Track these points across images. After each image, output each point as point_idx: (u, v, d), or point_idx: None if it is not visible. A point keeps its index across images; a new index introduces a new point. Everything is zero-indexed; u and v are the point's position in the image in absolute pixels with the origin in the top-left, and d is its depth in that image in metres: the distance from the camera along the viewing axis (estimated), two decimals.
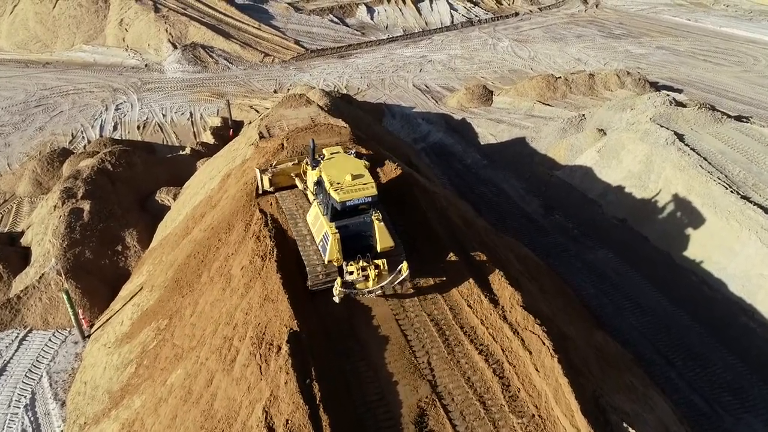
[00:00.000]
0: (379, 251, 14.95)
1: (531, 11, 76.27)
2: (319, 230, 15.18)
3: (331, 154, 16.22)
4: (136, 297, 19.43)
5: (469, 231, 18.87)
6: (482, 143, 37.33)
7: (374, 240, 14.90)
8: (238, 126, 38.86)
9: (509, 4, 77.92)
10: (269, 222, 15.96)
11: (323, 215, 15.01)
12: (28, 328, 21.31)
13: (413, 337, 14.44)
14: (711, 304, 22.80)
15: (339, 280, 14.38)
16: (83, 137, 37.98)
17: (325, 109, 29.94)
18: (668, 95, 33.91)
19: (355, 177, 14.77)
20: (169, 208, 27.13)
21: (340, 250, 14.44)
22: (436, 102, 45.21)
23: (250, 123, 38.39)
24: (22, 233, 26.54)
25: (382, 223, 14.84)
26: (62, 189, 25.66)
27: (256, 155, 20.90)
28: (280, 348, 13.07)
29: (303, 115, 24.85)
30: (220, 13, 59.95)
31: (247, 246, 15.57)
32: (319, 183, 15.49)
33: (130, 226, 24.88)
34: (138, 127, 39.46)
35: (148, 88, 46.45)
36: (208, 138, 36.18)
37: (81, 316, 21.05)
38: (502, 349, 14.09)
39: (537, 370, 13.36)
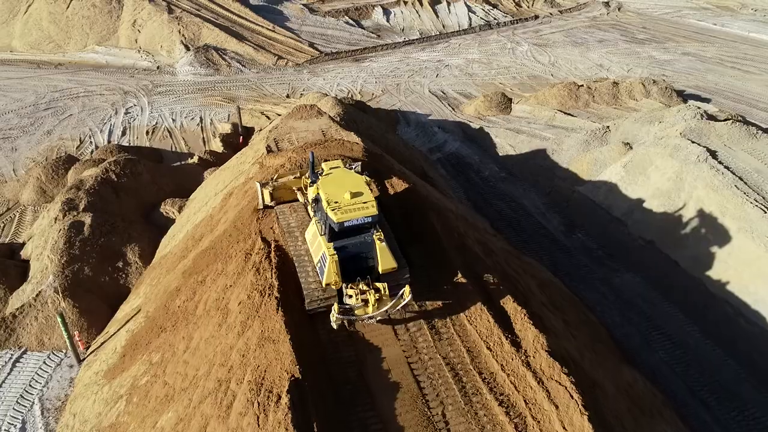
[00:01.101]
0: (381, 273, 13.85)
1: (551, 14, 74.36)
2: (317, 250, 14.15)
3: (330, 168, 15.09)
4: (131, 322, 18.36)
5: (488, 260, 17.51)
6: (500, 154, 35.86)
7: (376, 261, 13.82)
8: (248, 132, 37.86)
9: (528, 7, 76.10)
10: (271, 253, 14.74)
11: (321, 235, 13.93)
12: (22, 349, 20.36)
13: (427, 383, 13.14)
14: (748, 338, 21.16)
15: (336, 306, 13.32)
16: (91, 142, 37.20)
17: (338, 119, 28.78)
18: (699, 108, 32.14)
19: (354, 195, 13.71)
20: (173, 221, 26.13)
21: (339, 272, 13.45)
22: (453, 109, 43.78)
23: (261, 130, 37.39)
24: (23, 245, 25.72)
25: (383, 244, 13.79)
26: (64, 200, 24.77)
27: (259, 174, 19.75)
28: (280, 397, 11.86)
29: (313, 128, 23.65)
30: (234, 14, 59.07)
31: (246, 278, 14.39)
32: (317, 200, 14.48)
33: (132, 241, 23.87)
34: (147, 133, 38.60)
35: (159, 92, 45.65)
36: (216, 145, 35.19)
37: (77, 338, 20.08)
38: (525, 401, 12.74)
39: (564, 428, 11.98)
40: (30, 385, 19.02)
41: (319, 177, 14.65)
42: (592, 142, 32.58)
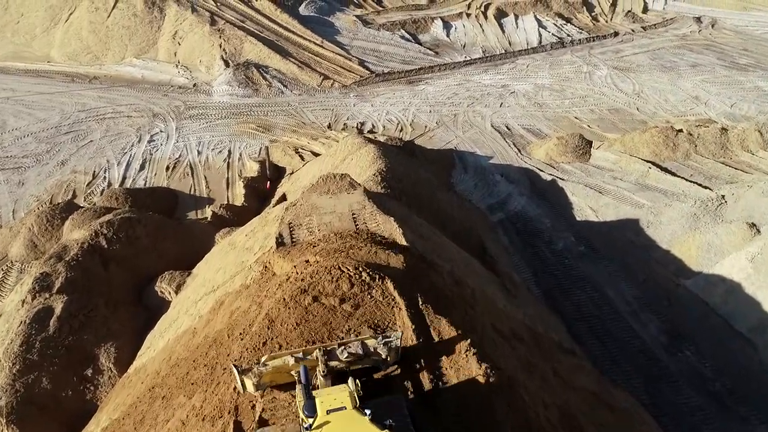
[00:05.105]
0: None
1: (633, 30, 65.72)
2: None
3: (328, 411, 8.42)
4: None
5: None
6: (578, 219, 29.18)
7: None
8: (278, 174, 32.94)
9: (606, 22, 67.86)
10: None
11: None
12: None
13: None
14: None
15: None
16: (105, 177, 33.18)
17: (379, 179, 23.19)
18: None
19: None
20: (168, 303, 21.26)
21: None
22: (519, 150, 37.24)
23: (292, 173, 32.35)
24: None
25: None
26: (37, 276, 20.29)
27: (258, 284, 14.39)
28: None
29: (342, 208, 18.05)
30: (281, 26, 54.49)
31: None
32: None
33: (109, 338, 19.07)
34: (167, 168, 34.25)
35: (190, 115, 41.49)
36: (239, 191, 30.34)
37: None
38: None
39: None
40: None
41: (307, 430, 8.32)
42: (702, 217, 25.48)
